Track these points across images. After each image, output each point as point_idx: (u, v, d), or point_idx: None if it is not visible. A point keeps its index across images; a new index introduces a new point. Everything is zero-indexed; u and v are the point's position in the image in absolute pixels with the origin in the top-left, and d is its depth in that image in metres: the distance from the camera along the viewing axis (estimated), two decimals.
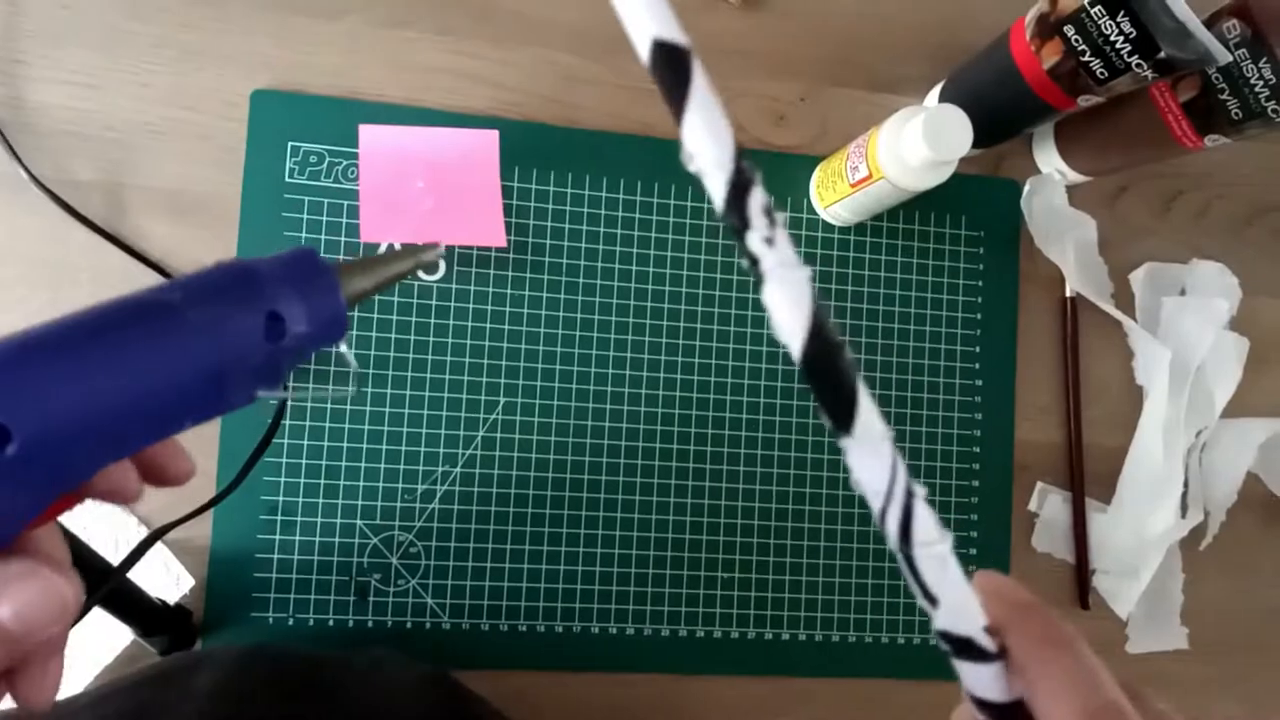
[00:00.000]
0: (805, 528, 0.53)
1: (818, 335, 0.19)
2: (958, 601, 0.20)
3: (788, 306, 0.19)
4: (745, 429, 0.53)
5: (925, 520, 0.19)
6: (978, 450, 0.56)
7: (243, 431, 0.48)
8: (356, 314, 0.50)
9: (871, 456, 0.19)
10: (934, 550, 0.19)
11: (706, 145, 0.18)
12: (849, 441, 0.19)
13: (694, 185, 0.54)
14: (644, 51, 0.18)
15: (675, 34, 0.18)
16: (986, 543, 0.56)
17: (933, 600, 0.20)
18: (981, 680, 0.20)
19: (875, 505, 0.19)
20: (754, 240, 0.18)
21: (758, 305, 0.54)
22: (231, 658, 0.40)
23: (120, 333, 0.19)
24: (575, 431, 0.52)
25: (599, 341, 0.52)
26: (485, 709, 0.44)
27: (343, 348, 0.23)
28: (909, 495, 0.19)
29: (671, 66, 0.18)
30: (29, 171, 0.47)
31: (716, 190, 0.19)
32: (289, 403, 0.48)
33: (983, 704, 0.20)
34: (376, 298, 0.50)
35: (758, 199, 0.18)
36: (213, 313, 0.20)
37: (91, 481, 0.21)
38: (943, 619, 0.20)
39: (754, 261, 0.19)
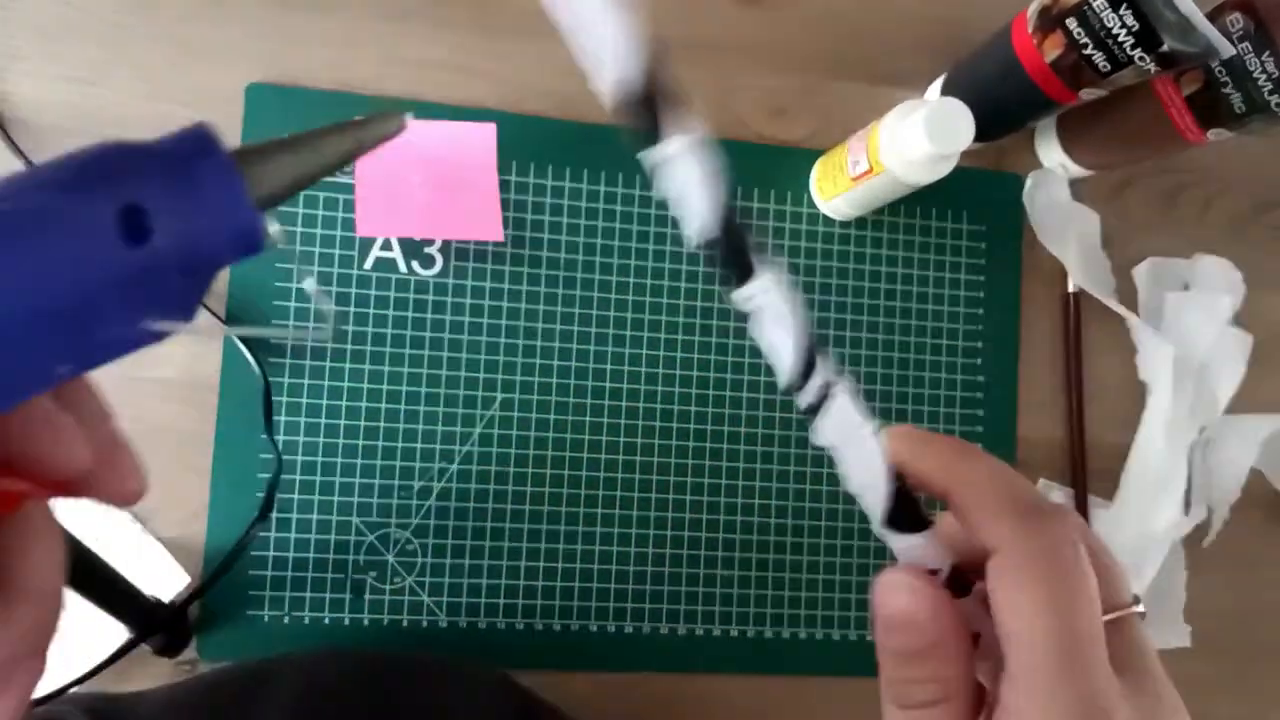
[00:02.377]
0: (806, 525, 0.53)
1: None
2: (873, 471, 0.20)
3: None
4: (746, 425, 0.53)
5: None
6: (979, 446, 0.56)
7: (240, 423, 0.48)
8: (349, 296, 0.49)
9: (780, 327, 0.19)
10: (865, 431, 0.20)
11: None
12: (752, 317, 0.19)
13: None
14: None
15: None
16: None
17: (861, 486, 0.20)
18: (917, 553, 0.21)
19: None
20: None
21: None
22: (307, 661, 0.41)
23: None
24: (573, 428, 0.51)
25: (597, 337, 0.52)
26: (552, 710, 0.44)
27: (308, 284, 0.19)
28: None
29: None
30: (30, 164, 0.47)
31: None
32: (281, 452, 0.48)
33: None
34: (373, 290, 0.49)
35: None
36: (36, 203, 0.14)
37: (14, 465, 0.17)
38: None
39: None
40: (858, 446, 0.20)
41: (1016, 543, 0.19)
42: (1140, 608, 0.21)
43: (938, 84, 0.55)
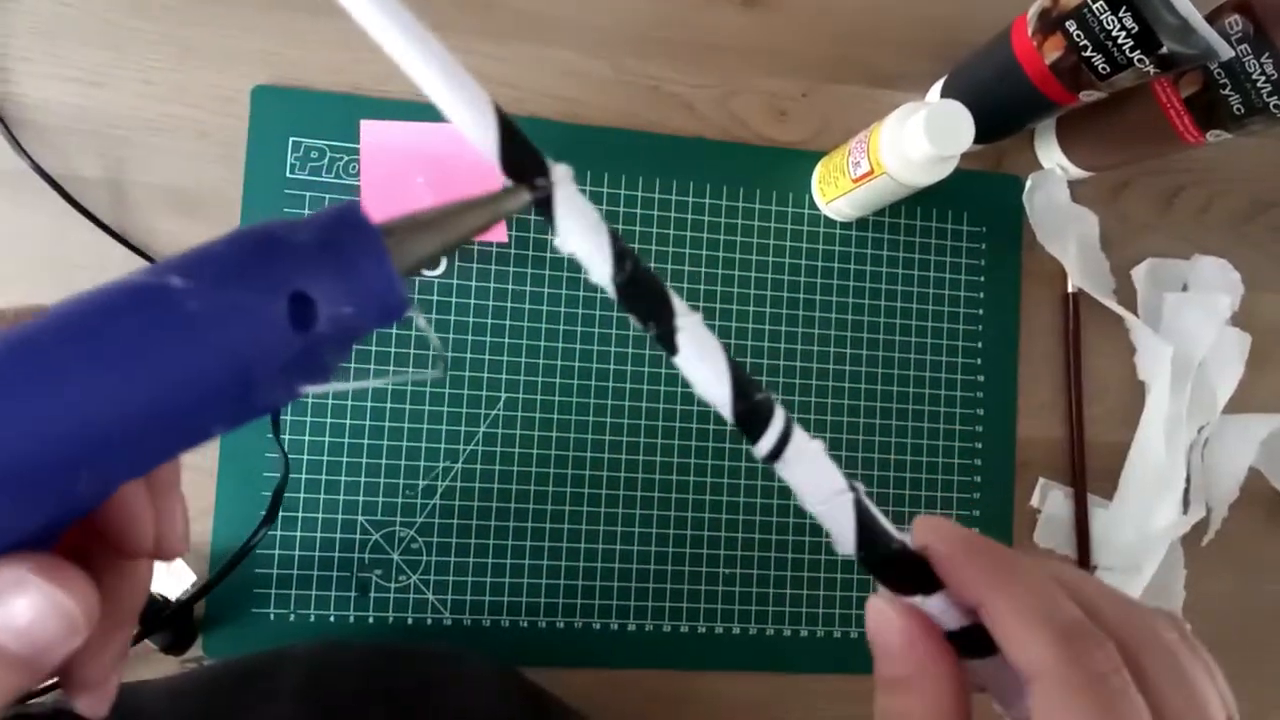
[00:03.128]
0: (808, 524, 0.53)
1: (740, 389, 0.19)
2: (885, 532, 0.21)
3: (710, 366, 0.19)
4: None
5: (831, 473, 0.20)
6: (979, 446, 0.56)
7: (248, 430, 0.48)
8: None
9: (811, 468, 0.20)
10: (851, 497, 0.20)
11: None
12: (782, 465, 0.20)
13: (695, 181, 0.54)
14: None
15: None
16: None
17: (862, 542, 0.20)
18: (936, 610, 0.20)
19: (819, 507, 0.20)
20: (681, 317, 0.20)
21: (759, 301, 0.54)
22: (311, 652, 0.41)
23: (102, 330, 0.15)
24: (577, 427, 0.52)
25: (600, 337, 0.52)
26: (559, 702, 0.45)
27: (420, 321, 0.19)
28: (853, 490, 0.20)
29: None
30: (35, 164, 0.47)
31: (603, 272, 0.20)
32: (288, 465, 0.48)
33: (949, 635, 0.21)
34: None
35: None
36: (220, 300, 0.16)
37: (107, 515, 0.19)
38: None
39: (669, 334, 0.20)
40: (838, 508, 0.20)
41: (1059, 671, 0.18)
42: None
43: (938, 86, 0.56)
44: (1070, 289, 0.58)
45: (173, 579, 0.47)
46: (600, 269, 0.20)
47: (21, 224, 0.48)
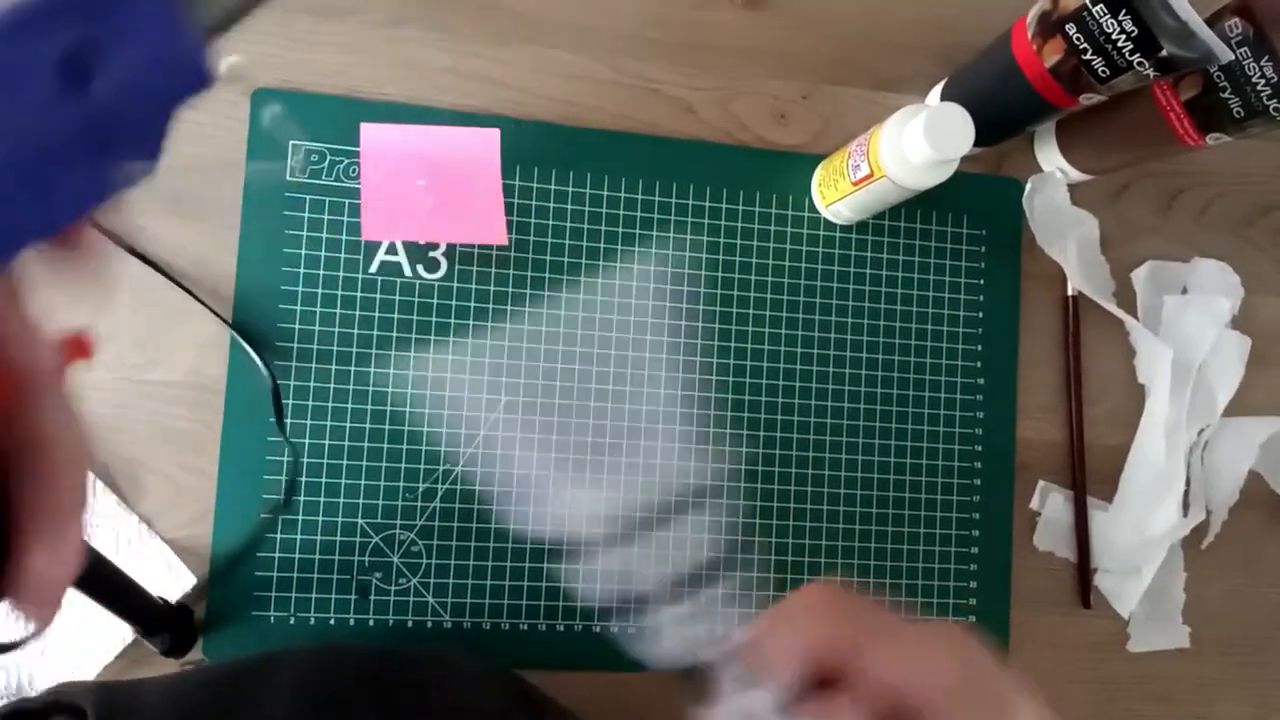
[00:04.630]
0: (807, 526, 0.53)
1: None
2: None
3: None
4: (746, 427, 0.53)
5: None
6: (979, 449, 0.56)
7: (246, 425, 0.48)
8: (354, 299, 0.50)
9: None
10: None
11: None
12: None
13: (695, 184, 0.54)
14: None
15: None
16: (988, 541, 0.56)
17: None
18: None
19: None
20: None
21: (759, 304, 0.54)
22: (307, 655, 0.41)
23: None
24: (576, 430, 0.52)
25: (600, 340, 0.52)
26: (555, 705, 0.44)
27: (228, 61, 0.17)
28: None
29: None
30: None
31: None
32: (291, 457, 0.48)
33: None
34: (378, 293, 0.50)
35: None
36: None
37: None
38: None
39: None
40: None
41: None
42: None
43: (938, 89, 0.56)
44: (1070, 292, 0.58)
45: (170, 580, 0.47)
46: None
47: None
